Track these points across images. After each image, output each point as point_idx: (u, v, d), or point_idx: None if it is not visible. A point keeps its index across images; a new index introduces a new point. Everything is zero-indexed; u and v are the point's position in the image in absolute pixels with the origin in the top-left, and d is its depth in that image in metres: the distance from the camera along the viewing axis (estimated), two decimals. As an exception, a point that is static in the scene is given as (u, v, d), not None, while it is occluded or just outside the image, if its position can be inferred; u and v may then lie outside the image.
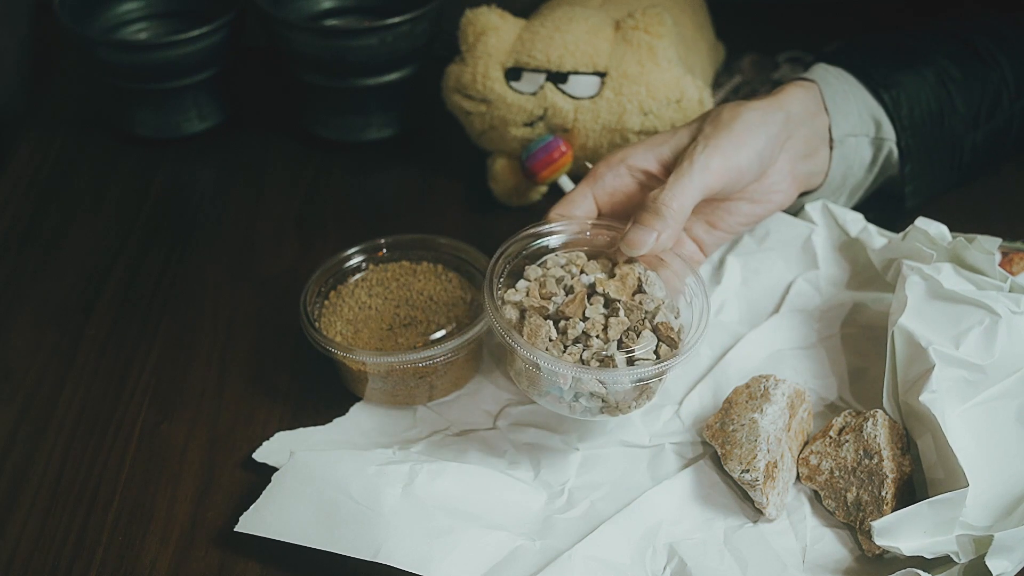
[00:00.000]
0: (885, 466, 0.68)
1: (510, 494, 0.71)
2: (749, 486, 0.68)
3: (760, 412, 0.70)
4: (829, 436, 0.71)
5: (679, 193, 0.71)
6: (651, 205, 0.71)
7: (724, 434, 0.71)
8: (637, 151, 0.76)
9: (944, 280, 0.73)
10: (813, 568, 0.67)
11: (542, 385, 0.69)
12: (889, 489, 0.67)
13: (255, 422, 0.77)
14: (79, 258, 0.92)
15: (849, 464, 0.69)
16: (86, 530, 0.71)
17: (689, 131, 0.76)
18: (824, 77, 0.82)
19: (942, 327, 0.71)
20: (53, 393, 0.80)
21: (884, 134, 0.83)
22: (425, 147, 1.03)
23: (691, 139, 0.75)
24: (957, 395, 0.69)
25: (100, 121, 1.06)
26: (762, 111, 0.77)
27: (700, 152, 0.73)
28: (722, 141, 0.74)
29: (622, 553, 0.67)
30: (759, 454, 0.68)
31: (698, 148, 0.73)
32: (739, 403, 0.72)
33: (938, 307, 0.72)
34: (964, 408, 0.69)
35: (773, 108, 0.78)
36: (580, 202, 0.75)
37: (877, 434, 0.69)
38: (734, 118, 0.75)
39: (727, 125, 0.74)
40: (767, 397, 0.71)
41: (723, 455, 0.70)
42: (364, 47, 0.95)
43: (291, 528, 0.68)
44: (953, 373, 0.70)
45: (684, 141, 0.76)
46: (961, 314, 0.72)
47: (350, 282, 0.82)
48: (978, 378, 0.70)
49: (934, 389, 0.68)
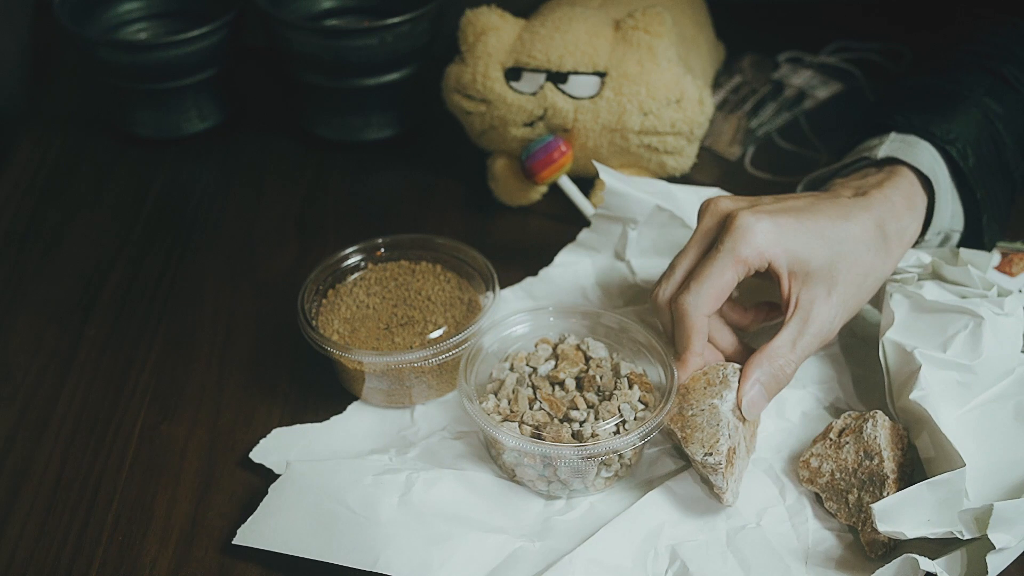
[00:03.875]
0: (886, 467, 0.68)
1: (508, 497, 0.71)
2: (712, 469, 0.67)
3: (720, 398, 0.70)
4: (829, 438, 0.71)
5: (801, 357, 0.72)
6: (776, 371, 0.71)
7: (683, 419, 0.70)
8: (734, 311, 0.76)
9: (927, 294, 0.74)
10: (816, 570, 0.67)
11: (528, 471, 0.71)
12: (890, 489, 0.67)
13: (255, 422, 0.77)
14: (79, 258, 0.92)
15: (850, 466, 0.69)
16: (86, 530, 0.71)
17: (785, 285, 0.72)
18: (932, 172, 0.78)
19: (929, 336, 0.72)
20: (53, 393, 0.80)
21: (956, 226, 0.81)
22: (425, 147, 1.03)
23: (788, 292, 0.72)
24: (952, 399, 0.70)
25: (100, 121, 1.06)
26: (880, 255, 0.74)
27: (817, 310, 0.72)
28: (850, 299, 0.73)
29: (623, 555, 0.67)
30: (721, 438, 0.67)
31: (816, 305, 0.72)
32: (697, 389, 0.71)
33: (923, 319, 0.73)
34: (962, 412, 0.70)
35: (885, 251, 0.75)
36: (698, 359, 0.73)
37: (877, 435, 0.69)
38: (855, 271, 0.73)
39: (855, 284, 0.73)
40: (727, 384, 0.70)
41: (683, 438, 0.69)
42: (364, 47, 0.95)
43: (289, 540, 0.68)
44: (944, 375, 0.70)
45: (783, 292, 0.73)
46: (946, 321, 0.73)
47: (348, 281, 0.82)
48: (969, 379, 0.70)
49: (923, 388, 0.69)
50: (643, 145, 0.91)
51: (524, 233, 0.93)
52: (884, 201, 0.75)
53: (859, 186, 0.77)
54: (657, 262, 0.85)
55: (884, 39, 1.11)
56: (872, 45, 1.11)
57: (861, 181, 0.78)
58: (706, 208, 0.74)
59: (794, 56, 1.10)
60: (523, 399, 0.72)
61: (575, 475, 0.70)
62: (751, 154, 1.00)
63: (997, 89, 0.83)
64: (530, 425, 0.70)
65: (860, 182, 0.78)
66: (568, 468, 0.69)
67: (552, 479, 0.70)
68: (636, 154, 0.92)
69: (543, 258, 0.87)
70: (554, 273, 0.86)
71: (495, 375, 0.75)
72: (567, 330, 0.78)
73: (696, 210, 0.80)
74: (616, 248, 0.86)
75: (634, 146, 0.91)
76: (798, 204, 0.74)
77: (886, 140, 0.80)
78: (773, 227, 0.70)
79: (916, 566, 0.62)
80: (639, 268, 0.85)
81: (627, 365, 0.74)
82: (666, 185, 0.85)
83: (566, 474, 0.70)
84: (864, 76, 1.07)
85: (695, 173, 0.95)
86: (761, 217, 0.71)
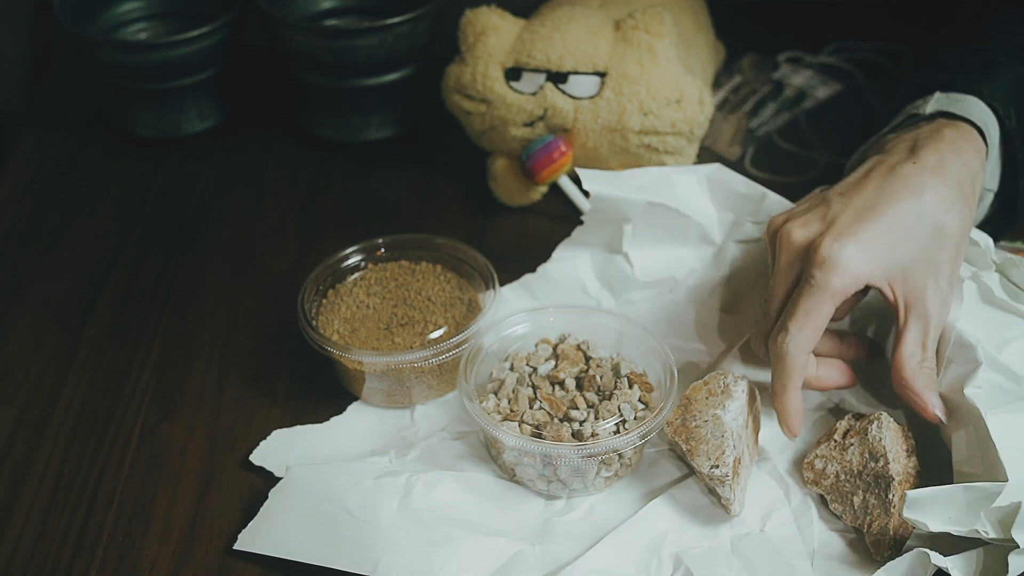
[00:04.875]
0: (891, 468, 0.68)
1: (508, 497, 0.71)
2: (719, 481, 0.67)
3: (723, 408, 0.69)
4: (834, 440, 0.70)
5: (933, 349, 0.70)
6: (927, 375, 0.69)
7: (687, 430, 0.69)
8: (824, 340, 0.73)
9: (994, 288, 0.73)
10: (822, 571, 0.67)
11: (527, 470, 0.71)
12: (896, 491, 0.67)
13: (255, 422, 0.77)
14: (79, 258, 0.92)
15: (855, 468, 0.69)
16: (86, 530, 0.71)
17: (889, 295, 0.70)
18: (984, 123, 0.76)
19: (990, 332, 0.71)
20: (53, 393, 0.80)
21: (991, 185, 0.79)
22: (425, 147, 1.03)
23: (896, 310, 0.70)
24: (987, 400, 0.69)
25: (100, 121, 1.07)
26: (962, 213, 0.71)
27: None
28: (952, 270, 0.71)
29: (626, 563, 0.67)
30: (727, 449, 0.67)
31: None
32: (698, 400, 0.70)
33: (988, 312, 0.72)
34: (992, 415, 0.69)
35: (965, 205, 0.72)
36: (797, 396, 0.71)
37: (882, 437, 0.69)
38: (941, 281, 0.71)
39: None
40: (729, 393, 0.70)
41: (688, 451, 0.68)
42: (364, 47, 0.95)
43: (289, 544, 0.68)
44: (991, 377, 0.69)
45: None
46: (1007, 323, 0.72)
47: (348, 281, 0.82)
48: (1012, 388, 0.69)
49: (979, 385, 0.68)
50: (643, 145, 0.91)
51: (524, 233, 0.93)
52: (951, 149, 0.72)
53: (915, 136, 0.74)
54: (655, 253, 0.83)
55: (884, 39, 1.11)
56: (872, 45, 1.11)
57: (915, 132, 0.75)
58: (777, 240, 0.72)
59: (794, 56, 1.10)
60: (523, 399, 0.72)
61: (575, 474, 0.70)
62: (751, 154, 1.00)
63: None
64: (530, 424, 0.70)
65: (914, 133, 0.75)
66: (568, 467, 0.69)
67: (552, 478, 0.70)
68: (636, 154, 0.92)
69: (543, 258, 0.87)
70: (553, 269, 0.86)
71: (495, 375, 0.75)
72: (567, 330, 0.78)
73: (693, 195, 0.78)
74: (611, 242, 0.86)
75: (634, 146, 0.91)
76: (867, 197, 0.70)
77: (931, 99, 0.77)
78: (859, 248, 0.68)
79: (927, 561, 0.62)
80: (636, 260, 0.84)
81: (627, 365, 0.74)
82: (660, 171, 0.83)
83: (566, 473, 0.70)
84: (864, 76, 1.07)
85: (695, 173, 0.95)
86: (845, 243, 0.68)
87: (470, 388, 0.73)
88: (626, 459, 0.71)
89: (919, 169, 0.71)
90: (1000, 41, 0.83)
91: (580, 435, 0.70)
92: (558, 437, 0.69)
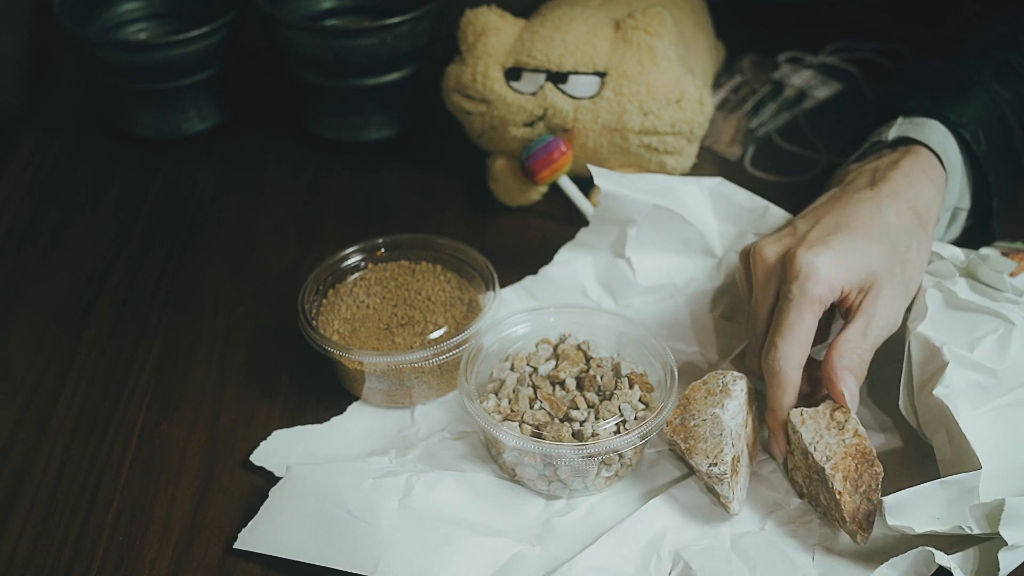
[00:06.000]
0: (817, 458, 0.67)
1: (508, 497, 0.71)
2: (717, 480, 0.67)
3: (721, 407, 0.70)
4: (791, 451, 0.71)
5: (872, 346, 0.71)
6: (857, 361, 0.71)
7: (686, 429, 0.69)
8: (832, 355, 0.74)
9: (959, 292, 0.74)
10: (823, 565, 0.67)
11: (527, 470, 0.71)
12: (832, 474, 0.67)
13: (255, 422, 0.77)
14: (79, 258, 0.92)
15: (811, 474, 0.69)
16: (86, 530, 0.71)
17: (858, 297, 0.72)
18: (943, 149, 0.78)
19: (958, 334, 0.72)
20: (53, 393, 0.80)
21: (963, 204, 0.82)
22: (425, 147, 1.03)
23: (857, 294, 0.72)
24: (970, 399, 0.69)
25: (100, 121, 1.07)
26: (919, 235, 0.75)
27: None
28: (908, 284, 0.74)
29: (625, 561, 0.67)
30: (725, 448, 0.68)
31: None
32: (697, 399, 0.71)
33: (954, 316, 0.73)
34: (976, 413, 0.69)
35: (922, 229, 0.75)
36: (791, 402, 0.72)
37: (800, 433, 0.69)
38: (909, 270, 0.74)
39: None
40: (727, 392, 0.70)
41: (687, 450, 0.69)
42: (364, 47, 0.95)
43: (290, 544, 0.68)
44: (967, 376, 0.70)
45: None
46: (976, 322, 0.72)
47: (348, 281, 0.82)
48: (991, 383, 0.70)
49: (948, 384, 0.68)
50: (643, 145, 0.91)
51: (524, 233, 0.93)
52: (906, 180, 0.75)
53: (875, 167, 0.78)
54: (657, 259, 0.84)
55: (884, 39, 1.11)
56: (872, 45, 1.11)
57: (876, 163, 0.78)
58: (750, 260, 0.74)
59: (794, 56, 1.10)
60: (524, 399, 0.72)
61: (575, 474, 0.70)
62: (751, 154, 1.00)
63: (1003, 74, 0.83)
64: (530, 424, 0.70)
65: (875, 163, 0.78)
66: (568, 467, 0.69)
67: (552, 478, 0.70)
68: (636, 154, 0.92)
69: (543, 258, 0.87)
70: (554, 271, 0.86)
71: (496, 375, 0.75)
72: (568, 330, 0.78)
73: (696, 203, 0.79)
74: (615, 246, 0.86)
75: (634, 146, 0.91)
76: (832, 215, 0.73)
77: (895, 124, 0.80)
78: (832, 255, 0.70)
79: (931, 559, 0.63)
80: (638, 264, 0.84)
81: (627, 365, 0.74)
82: (665, 178, 0.84)
83: (566, 473, 0.70)
84: (864, 76, 1.07)
85: (695, 173, 0.95)
86: (819, 251, 0.70)
87: (470, 388, 0.73)
88: (626, 459, 0.71)
89: (877, 194, 0.74)
90: (975, 55, 0.85)
91: (580, 435, 0.70)
92: (558, 437, 0.69)
